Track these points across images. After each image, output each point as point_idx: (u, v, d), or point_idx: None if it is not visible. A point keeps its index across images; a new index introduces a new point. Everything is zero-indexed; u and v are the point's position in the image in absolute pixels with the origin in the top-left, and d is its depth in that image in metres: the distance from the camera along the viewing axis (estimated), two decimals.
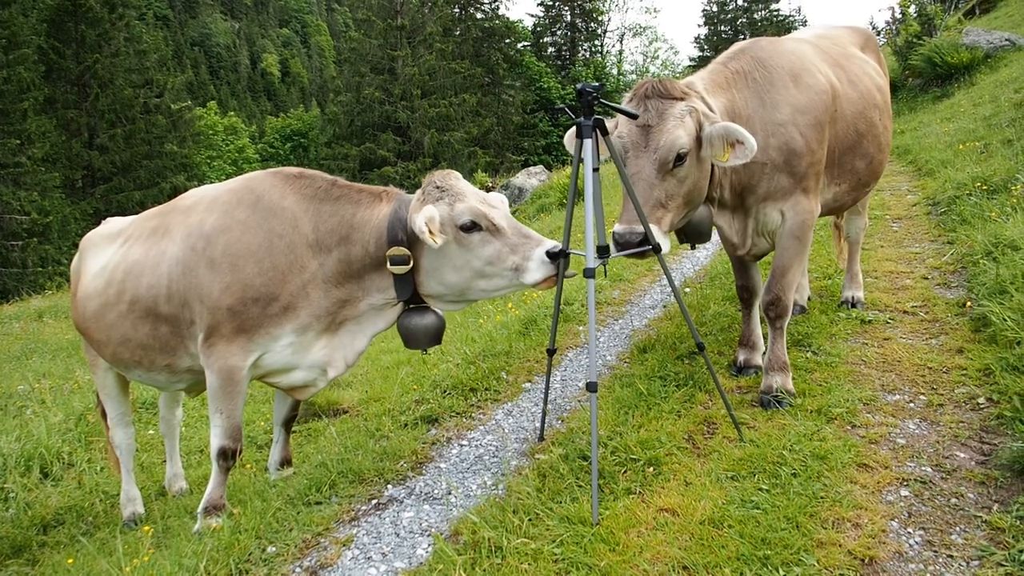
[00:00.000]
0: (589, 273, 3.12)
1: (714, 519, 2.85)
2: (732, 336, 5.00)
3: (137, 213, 4.23)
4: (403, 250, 3.26)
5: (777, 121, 3.75)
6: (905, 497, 2.92)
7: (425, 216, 3.13)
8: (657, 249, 3.26)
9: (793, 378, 3.98)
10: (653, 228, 3.29)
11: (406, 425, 4.44)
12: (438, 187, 3.29)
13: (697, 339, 3.46)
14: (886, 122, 4.45)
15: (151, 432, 6.02)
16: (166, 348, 3.65)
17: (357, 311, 3.51)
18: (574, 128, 3.37)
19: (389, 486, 3.64)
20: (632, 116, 3.38)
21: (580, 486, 3.22)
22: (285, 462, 4.04)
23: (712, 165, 3.59)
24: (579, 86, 3.18)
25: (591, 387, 3.09)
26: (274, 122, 65.76)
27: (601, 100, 3.23)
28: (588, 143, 3.17)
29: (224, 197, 3.52)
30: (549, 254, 3.16)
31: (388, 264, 3.28)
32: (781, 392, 3.83)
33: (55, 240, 26.81)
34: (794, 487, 2.99)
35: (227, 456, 3.52)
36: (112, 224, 4.19)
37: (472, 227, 3.21)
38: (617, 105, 3.40)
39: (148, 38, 38.82)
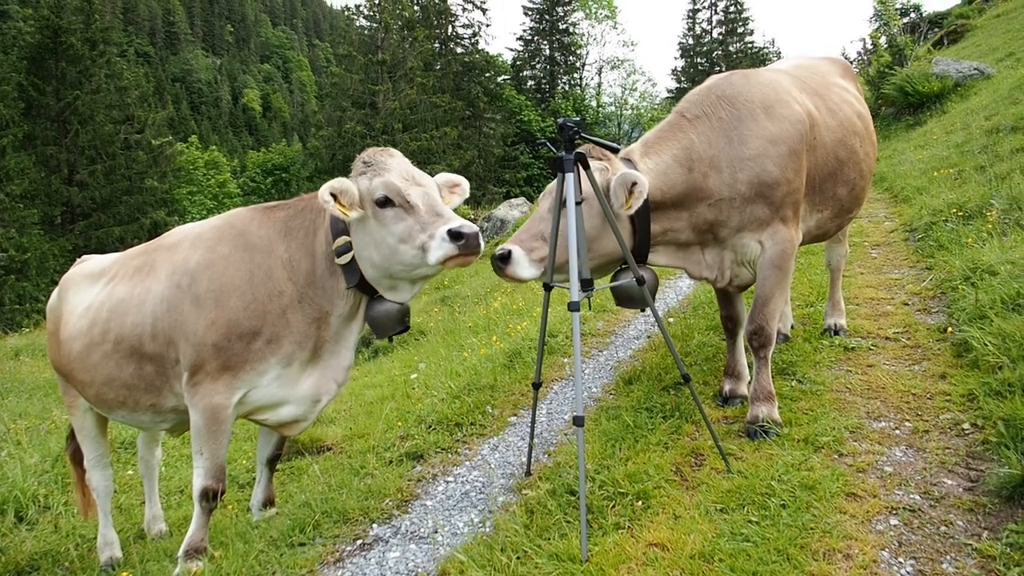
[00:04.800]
0: (573, 306, 3.12)
1: (704, 553, 2.82)
2: (717, 366, 5.00)
3: (117, 249, 4.19)
4: (344, 238, 3.20)
5: (745, 156, 3.78)
6: (895, 526, 2.91)
7: (329, 186, 3.04)
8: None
9: (779, 407, 3.97)
10: (520, 253, 3.51)
11: (391, 462, 4.39)
12: (365, 162, 3.25)
13: (682, 370, 3.46)
14: (868, 149, 4.50)
15: (130, 472, 5.89)
16: (151, 388, 3.59)
17: (331, 328, 3.45)
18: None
19: (374, 525, 3.58)
20: (614, 150, 3.44)
21: (568, 522, 3.18)
22: (268, 502, 3.96)
23: (648, 217, 3.65)
24: (560, 120, 3.21)
25: (578, 421, 3.07)
26: (255, 157, 65.80)
27: (582, 134, 3.26)
28: (570, 177, 3.19)
29: (208, 234, 3.51)
30: (451, 233, 2.97)
31: (336, 257, 3.23)
32: (767, 422, 3.82)
33: (33, 277, 26.48)
34: (784, 518, 2.97)
35: (210, 497, 3.44)
36: (92, 262, 4.13)
37: (386, 202, 3.11)
38: (598, 138, 3.44)
39: (129, 74, 38.93)
